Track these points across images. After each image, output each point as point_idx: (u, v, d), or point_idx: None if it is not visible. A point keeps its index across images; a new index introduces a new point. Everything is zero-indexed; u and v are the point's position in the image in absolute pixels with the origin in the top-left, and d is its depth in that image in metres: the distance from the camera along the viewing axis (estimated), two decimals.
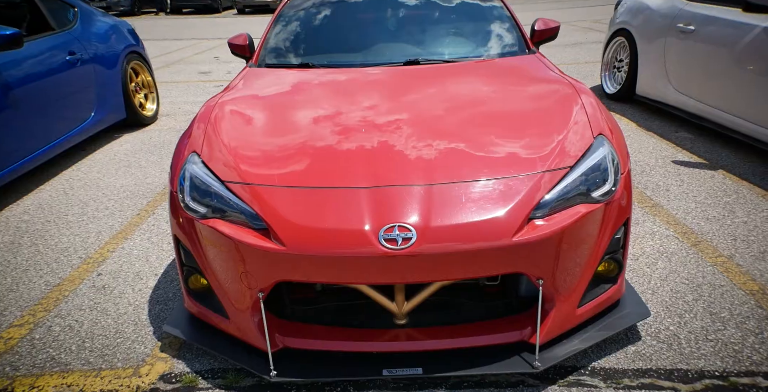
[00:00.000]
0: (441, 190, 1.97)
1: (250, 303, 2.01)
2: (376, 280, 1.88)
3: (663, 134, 4.52)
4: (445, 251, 1.82)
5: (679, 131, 4.56)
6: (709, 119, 4.23)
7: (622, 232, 2.10)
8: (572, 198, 1.97)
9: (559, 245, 1.91)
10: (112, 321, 2.44)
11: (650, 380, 1.94)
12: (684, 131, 4.55)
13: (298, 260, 1.86)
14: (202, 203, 2.07)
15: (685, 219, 3.07)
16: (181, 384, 2.03)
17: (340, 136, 2.28)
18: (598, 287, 2.14)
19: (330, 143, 2.24)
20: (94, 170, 4.37)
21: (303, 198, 1.99)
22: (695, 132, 4.52)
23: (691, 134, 4.47)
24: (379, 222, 1.87)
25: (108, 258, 2.99)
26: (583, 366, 2.04)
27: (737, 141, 4.25)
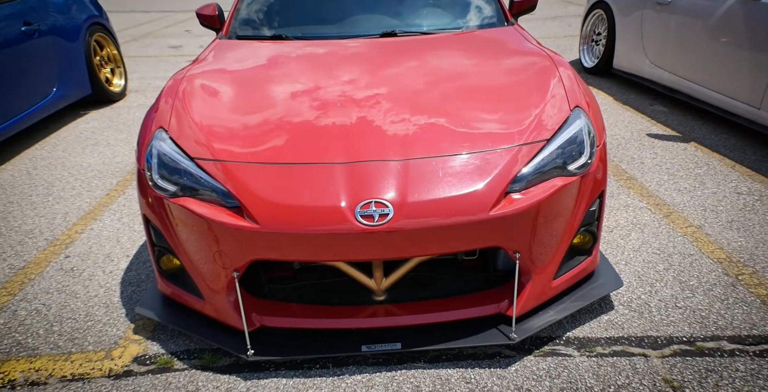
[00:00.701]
0: (418, 165, 1.94)
1: (225, 283, 1.98)
2: (353, 257, 1.85)
3: (638, 108, 4.55)
4: (423, 226, 1.80)
5: (654, 104, 4.60)
6: (682, 92, 4.26)
7: (597, 204, 2.12)
8: (548, 171, 1.96)
9: (536, 218, 1.91)
10: (81, 303, 2.37)
11: (621, 347, 1.99)
12: (659, 105, 4.59)
13: (272, 239, 1.82)
14: (171, 181, 2.00)
15: (658, 191, 3.11)
16: (156, 366, 2.00)
17: (315, 111, 2.21)
18: (573, 260, 2.16)
19: (305, 118, 2.17)
20: (59, 148, 4.20)
21: (277, 175, 1.94)
22: (669, 105, 4.57)
23: (665, 108, 4.51)
24: (355, 198, 1.83)
25: (76, 240, 2.90)
26: (558, 336, 2.07)
27: (709, 114, 4.31)
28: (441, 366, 1.95)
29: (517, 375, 1.89)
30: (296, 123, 2.15)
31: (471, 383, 1.87)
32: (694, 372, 1.85)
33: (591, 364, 1.92)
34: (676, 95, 4.36)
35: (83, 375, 1.97)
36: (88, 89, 5.00)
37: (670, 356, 1.93)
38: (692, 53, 4.05)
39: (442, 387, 1.85)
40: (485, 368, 1.93)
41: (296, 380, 1.91)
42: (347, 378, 1.91)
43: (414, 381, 1.88)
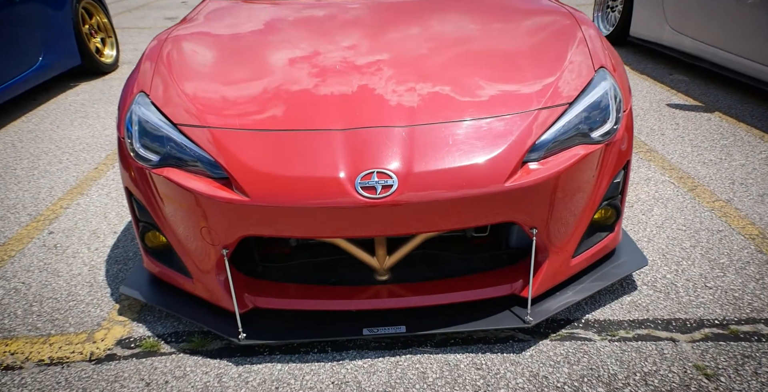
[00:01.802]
0: (425, 131, 1.74)
1: (214, 261, 1.81)
2: (353, 233, 1.68)
3: (657, 77, 4.29)
4: (430, 199, 1.62)
5: (674, 73, 4.34)
6: (706, 59, 4.00)
7: (621, 176, 1.92)
8: (570, 139, 1.76)
9: (555, 190, 1.72)
10: (64, 282, 2.22)
11: (647, 331, 1.83)
12: (678, 74, 4.33)
13: (264, 213, 1.64)
14: (154, 151, 1.82)
15: (681, 164, 2.91)
16: (141, 349, 1.85)
17: (311, 76, 2.00)
18: (593, 236, 1.98)
19: (300, 83, 1.97)
20: (47, 121, 4.01)
21: (268, 143, 1.75)
22: (690, 74, 4.31)
23: (685, 76, 4.25)
24: (355, 168, 1.64)
25: (61, 215, 2.73)
26: (576, 318, 1.91)
27: (734, 82, 4.05)
28: (449, 350, 1.79)
29: (532, 361, 1.73)
30: (291, 88, 1.94)
31: (482, 369, 1.71)
32: (730, 359, 1.69)
33: (613, 349, 1.76)
34: (698, 63, 4.10)
35: (62, 358, 1.83)
36: (77, 59, 4.77)
37: (702, 340, 1.77)
38: (718, 17, 3.77)
39: (450, 373, 1.70)
40: (497, 353, 1.77)
41: (292, 365, 1.76)
42: (347, 364, 1.76)
43: (420, 366, 1.73)
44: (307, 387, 1.68)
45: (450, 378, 1.69)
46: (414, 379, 1.69)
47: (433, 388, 1.65)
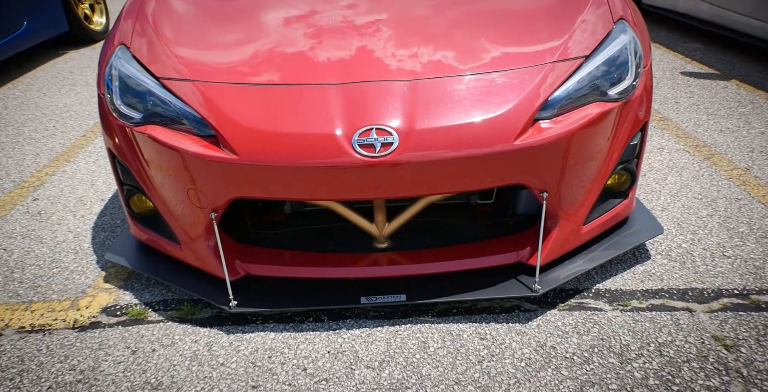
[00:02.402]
0: (428, 86, 1.61)
1: (203, 226, 1.70)
2: (350, 196, 1.56)
3: (670, 45, 4.12)
4: (434, 158, 1.50)
5: (688, 41, 4.17)
6: (724, 25, 3.82)
7: (638, 138, 1.79)
8: (585, 96, 1.63)
9: (568, 151, 1.60)
10: (47, 249, 2.12)
11: (661, 301, 1.73)
12: (693, 42, 4.16)
13: (254, 173, 1.53)
14: (135, 107, 1.69)
15: (697, 132, 2.78)
16: (128, 317, 1.76)
17: (305, 33, 1.85)
18: (606, 203, 1.86)
19: (293, 39, 1.82)
20: (33, 88, 3.86)
21: (259, 98, 1.62)
22: (705, 42, 4.14)
23: (700, 44, 4.08)
24: (352, 124, 1.52)
25: (46, 182, 2.62)
26: (586, 288, 1.81)
27: (750, 50, 3.88)
28: (451, 320, 1.70)
29: (539, 331, 1.64)
30: (284, 44, 1.80)
31: (486, 339, 1.62)
32: (750, 329, 1.59)
33: (626, 319, 1.67)
34: (715, 30, 3.92)
35: (44, 326, 1.74)
36: (64, 26, 4.59)
37: (720, 311, 1.67)
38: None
39: (452, 343, 1.61)
40: (502, 323, 1.68)
41: (286, 334, 1.67)
42: (344, 333, 1.66)
43: (420, 336, 1.64)
44: (302, 356, 1.59)
45: (452, 348, 1.59)
46: (414, 349, 1.60)
47: (435, 358, 1.56)
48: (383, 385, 1.48)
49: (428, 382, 1.49)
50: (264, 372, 1.54)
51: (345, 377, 1.51)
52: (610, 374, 1.49)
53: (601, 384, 1.46)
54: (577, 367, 1.51)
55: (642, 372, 1.49)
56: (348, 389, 1.48)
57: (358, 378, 1.51)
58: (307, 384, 1.50)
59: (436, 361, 1.55)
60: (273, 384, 1.50)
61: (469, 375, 1.50)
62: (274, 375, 1.53)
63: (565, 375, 1.49)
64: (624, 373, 1.48)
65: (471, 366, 1.53)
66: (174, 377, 1.54)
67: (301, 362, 1.57)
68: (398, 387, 1.47)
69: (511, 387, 1.46)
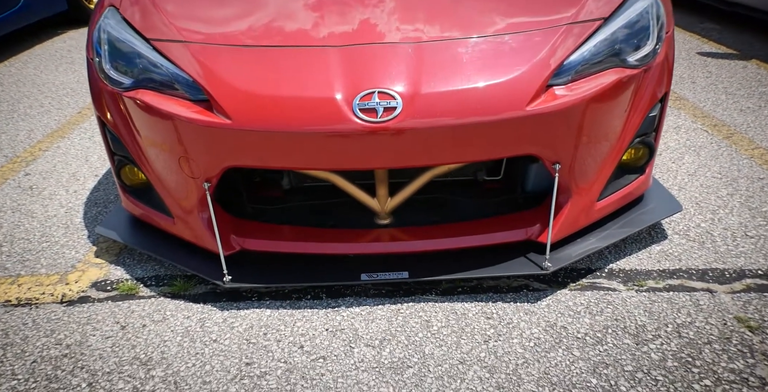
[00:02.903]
0: (435, 48, 1.51)
1: (196, 198, 1.62)
2: (349, 165, 1.47)
3: (686, 26, 3.98)
4: (439, 124, 1.40)
5: (704, 22, 4.03)
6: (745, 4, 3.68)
7: (657, 110, 1.69)
8: (603, 61, 1.53)
9: (583, 119, 1.50)
10: (38, 223, 2.05)
11: (679, 281, 1.64)
12: (709, 22, 4.02)
13: (248, 139, 1.44)
14: (125, 72, 1.60)
15: (715, 111, 2.66)
16: (118, 292, 1.69)
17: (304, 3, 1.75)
18: (622, 178, 1.76)
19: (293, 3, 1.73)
20: (31, 65, 3.78)
21: (254, 60, 1.53)
22: (722, 23, 4.00)
23: (717, 25, 3.95)
24: (353, 88, 1.43)
25: (39, 158, 2.54)
26: (598, 268, 1.72)
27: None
28: (456, 299, 1.61)
29: (549, 311, 1.55)
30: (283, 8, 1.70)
31: (492, 318, 1.53)
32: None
33: (641, 299, 1.58)
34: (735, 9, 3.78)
35: (31, 299, 1.67)
36: (62, 5, 4.50)
37: (743, 291, 1.58)
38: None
39: (457, 322, 1.53)
40: (509, 302, 1.59)
41: (282, 311, 1.59)
42: (343, 311, 1.58)
43: (423, 315, 1.56)
44: (299, 333, 1.51)
45: (457, 327, 1.51)
46: (417, 327, 1.51)
47: (438, 337, 1.48)
48: (383, 364, 1.40)
49: (431, 361, 1.40)
50: (259, 349, 1.46)
51: (343, 355, 1.43)
52: (625, 355, 1.40)
53: (616, 366, 1.37)
54: (589, 348, 1.43)
55: (659, 353, 1.40)
56: (346, 367, 1.40)
57: (358, 357, 1.43)
58: (303, 361, 1.42)
59: (440, 340, 1.47)
60: (268, 361, 1.42)
61: (474, 355, 1.42)
62: (269, 352, 1.45)
63: (577, 355, 1.41)
64: (640, 354, 1.40)
65: (476, 346, 1.45)
66: (164, 353, 1.46)
67: (297, 339, 1.49)
68: (399, 366, 1.39)
69: (519, 367, 1.38)
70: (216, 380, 1.37)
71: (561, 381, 1.34)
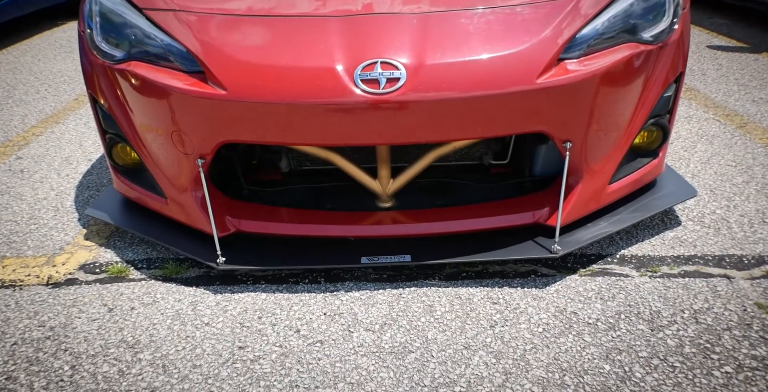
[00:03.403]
0: (441, 18, 1.45)
1: (190, 176, 1.55)
2: (349, 140, 1.40)
3: (695, 21, 3.92)
4: (445, 97, 1.33)
5: (713, 17, 3.96)
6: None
7: (673, 90, 1.62)
8: (616, 36, 1.46)
9: (596, 96, 1.43)
10: (27, 206, 1.98)
11: (695, 267, 1.56)
12: (718, 17, 3.96)
13: (244, 111, 1.37)
14: (117, 45, 1.54)
15: (727, 102, 2.59)
16: (107, 275, 1.61)
17: None
18: (635, 161, 1.69)
19: None
20: (29, 54, 3.72)
21: (251, 29, 1.46)
22: (731, 18, 3.94)
23: (726, 20, 3.88)
24: (355, 57, 1.36)
25: (32, 142, 2.48)
26: (609, 253, 1.64)
27: None
28: (460, 284, 1.54)
29: (558, 296, 1.48)
30: None
31: (499, 303, 1.46)
32: None
33: (655, 285, 1.50)
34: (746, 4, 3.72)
35: (15, 281, 1.59)
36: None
37: (763, 278, 1.50)
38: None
39: (461, 307, 1.45)
40: (516, 287, 1.51)
41: (279, 295, 1.51)
42: (342, 295, 1.51)
43: (426, 299, 1.48)
44: (295, 317, 1.43)
45: (461, 312, 1.43)
46: (419, 312, 1.44)
47: (442, 322, 1.40)
48: (384, 348, 1.32)
49: (434, 346, 1.33)
50: (253, 333, 1.38)
51: (342, 339, 1.36)
52: (640, 341, 1.32)
53: (630, 352, 1.29)
54: (601, 333, 1.35)
55: (676, 339, 1.32)
56: (345, 351, 1.32)
57: (357, 341, 1.35)
58: (299, 345, 1.34)
59: (444, 325, 1.39)
60: (262, 345, 1.35)
61: (479, 340, 1.34)
62: (263, 336, 1.38)
63: (588, 341, 1.33)
64: (655, 341, 1.32)
65: (482, 331, 1.37)
66: (153, 335, 1.39)
67: (294, 323, 1.42)
68: (401, 351, 1.32)
69: (527, 353, 1.30)
70: (207, 363, 1.30)
71: (572, 367, 1.26)
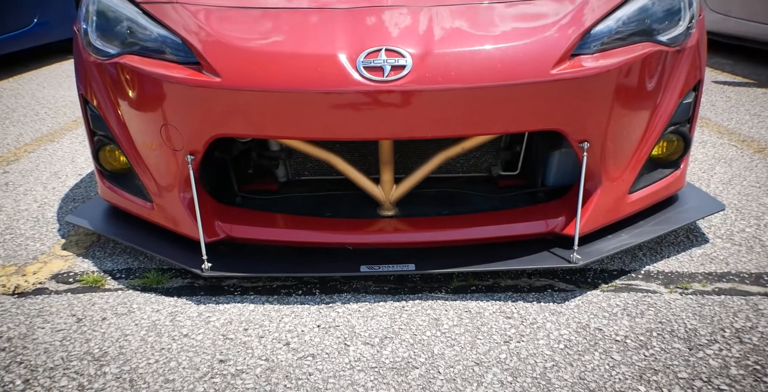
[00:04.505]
0: (451, 10, 1.39)
1: (178, 176, 1.44)
2: (350, 133, 1.30)
3: None
4: (454, 87, 1.25)
5: (715, 57, 4.00)
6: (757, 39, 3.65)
7: (692, 98, 1.54)
8: (632, 36, 1.40)
9: (613, 92, 1.35)
10: (5, 216, 1.85)
11: (730, 285, 1.41)
12: (720, 57, 3.99)
13: (238, 101, 1.28)
14: (112, 41, 1.48)
15: (741, 129, 2.52)
16: (81, 285, 1.47)
17: None
18: (656, 172, 1.58)
19: None
20: (34, 82, 3.73)
21: (249, 19, 1.40)
22: (733, 57, 3.97)
23: (728, 60, 3.92)
24: (358, 44, 1.29)
25: (22, 158, 2.39)
26: (633, 269, 1.50)
27: None
28: (469, 298, 1.38)
29: (579, 311, 1.32)
30: None
31: (513, 318, 1.30)
32: None
33: (688, 302, 1.34)
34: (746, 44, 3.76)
35: None
36: None
37: None
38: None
39: (471, 321, 1.29)
40: (532, 302, 1.36)
41: (268, 306, 1.36)
42: (338, 307, 1.35)
43: (432, 312, 1.32)
44: (285, 329, 1.27)
45: (471, 326, 1.27)
46: (424, 326, 1.28)
47: (449, 336, 1.24)
48: (384, 363, 1.16)
49: (441, 362, 1.16)
50: (236, 345, 1.22)
51: (336, 353, 1.19)
52: (677, 361, 1.15)
53: (667, 372, 1.12)
54: (632, 352, 1.18)
55: (719, 359, 1.15)
56: (339, 366, 1.15)
57: (353, 355, 1.18)
58: (288, 359, 1.17)
59: (452, 340, 1.23)
60: (246, 358, 1.18)
61: (492, 356, 1.17)
62: (248, 348, 1.21)
63: (618, 359, 1.16)
64: (695, 361, 1.15)
65: (495, 347, 1.20)
66: (123, 348, 1.22)
67: (283, 336, 1.25)
68: (403, 367, 1.15)
69: (548, 371, 1.13)
70: (181, 378, 1.13)
71: (601, 388, 1.09)
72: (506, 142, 1.74)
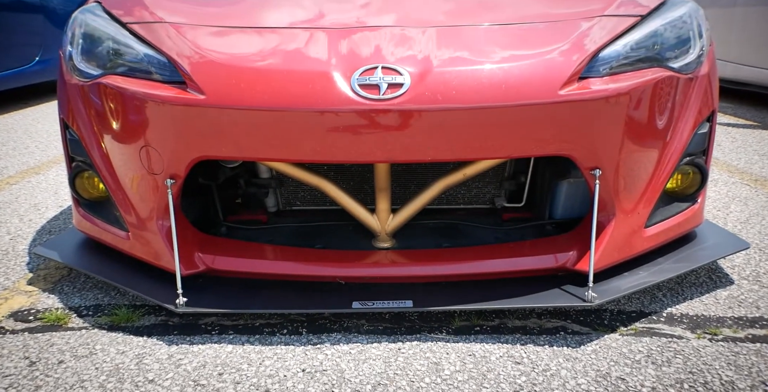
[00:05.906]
0: (452, 31, 1.34)
1: (156, 201, 1.33)
2: (343, 156, 1.20)
3: None
4: (455, 106, 1.16)
5: None
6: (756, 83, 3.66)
7: (707, 128, 1.46)
8: (641, 61, 1.33)
9: (624, 118, 1.26)
10: None
11: (765, 331, 1.26)
12: (721, 101, 3.99)
13: (223, 120, 1.19)
14: (96, 62, 1.40)
15: (752, 169, 2.45)
16: (41, 323, 1.32)
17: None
18: (672, 205, 1.48)
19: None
20: (29, 118, 3.69)
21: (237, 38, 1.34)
22: (734, 102, 3.98)
23: (730, 104, 3.92)
24: (353, 62, 1.21)
25: (3, 190, 2.28)
26: (654, 311, 1.36)
27: None
28: (473, 340, 1.23)
29: (597, 358, 1.17)
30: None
31: (522, 363, 1.15)
32: None
33: (720, 350, 1.20)
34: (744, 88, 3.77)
35: None
36: None
37: None
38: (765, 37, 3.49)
39: (476, 366, 1.14)
40: (543, 345, 1.21)
41: (249, 347, 1.21)
42: (327, 349, 1.20)
43: (431, 355, 1.17)
44: (266, 374, 1.11)
45: (476, 372, 1.12)
46: (423, 371, 1.12)
47: (452, 383, 1.08)
48: None
49: None
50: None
51: None
52: None
53: None
54: None
55: None
56: None
57: None
58: None
59: (454, 388, 1.07)
60: None
61: None
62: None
63: None
64: None
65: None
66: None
67: (263, 382, 1.10)
68: None
69: None
70: None
71: None
72: (510, 171, 1.64)
